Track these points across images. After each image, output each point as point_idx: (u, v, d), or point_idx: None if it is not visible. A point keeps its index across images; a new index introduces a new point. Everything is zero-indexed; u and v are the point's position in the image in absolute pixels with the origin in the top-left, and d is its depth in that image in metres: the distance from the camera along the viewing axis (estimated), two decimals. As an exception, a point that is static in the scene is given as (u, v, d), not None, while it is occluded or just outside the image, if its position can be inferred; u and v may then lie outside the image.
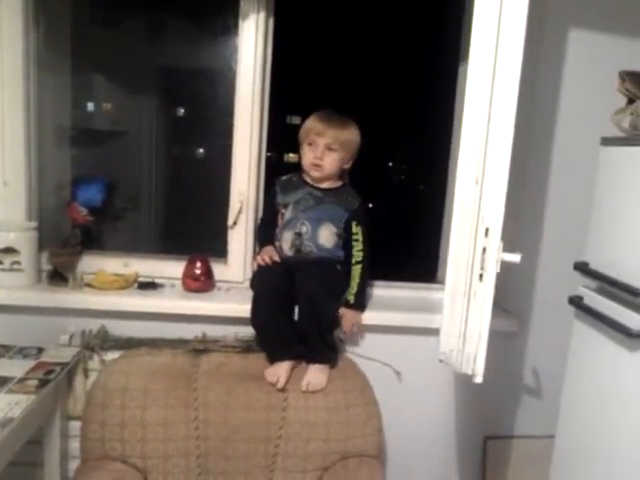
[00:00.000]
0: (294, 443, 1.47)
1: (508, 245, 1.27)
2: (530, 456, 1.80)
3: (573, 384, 1.34)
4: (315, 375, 1.51)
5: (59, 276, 1.66)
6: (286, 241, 1.61)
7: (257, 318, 1.53)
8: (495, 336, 1.31)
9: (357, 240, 1.64)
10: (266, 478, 1.47)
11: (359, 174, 1.71)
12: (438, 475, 1.81)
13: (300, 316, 1.53)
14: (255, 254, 1.78)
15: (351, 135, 1.60)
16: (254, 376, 1.51)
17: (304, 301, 1.51)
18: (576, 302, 1.30)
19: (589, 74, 1.66)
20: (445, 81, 1.96)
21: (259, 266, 1.58)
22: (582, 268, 1.28)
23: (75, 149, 2.04)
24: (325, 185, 1.63)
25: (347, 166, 1.64)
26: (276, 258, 1.58)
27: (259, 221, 1.77)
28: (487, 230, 1.26)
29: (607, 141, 1.28)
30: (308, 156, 1.59)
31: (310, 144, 1.58)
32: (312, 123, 1.58)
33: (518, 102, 1.22)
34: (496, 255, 1.26)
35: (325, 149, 1.57)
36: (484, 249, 1.27)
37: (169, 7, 2.07)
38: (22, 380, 1.36)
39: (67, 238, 1.69)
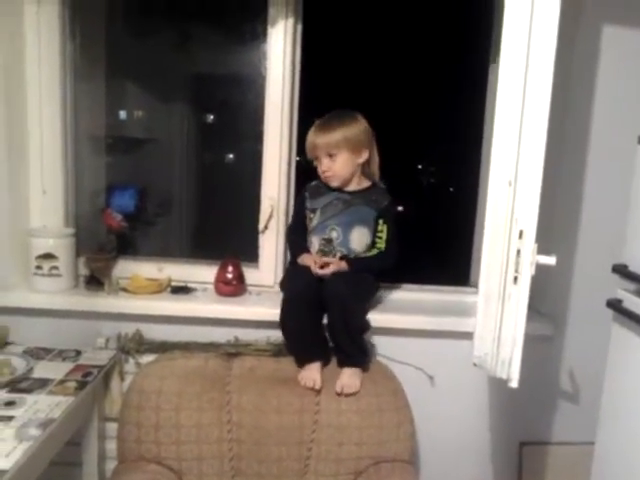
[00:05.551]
0: (326, 447, 1.46)
1: (543, 247, 1.25)
2: (567, 463, 1.76)
3: (613, 389, 1.30)
4: (348, 379, 1.50)
5: (95, 281, 1.70)
6: (313, 247, 1.61)
7: (287, 320, 1.52)
8: (530, 340, 1.29)
9: (380, 238, 1.62)
10: (299, 481, 1.47)
11: (388, 177, 1.70)
12: (472, 481, 1.78)
13: (330, 321, 1.52)
14: (286, 260, 1.80)
15: (347, 132, 1.55)
16: (286, 379, 1.51)
17: (333, 306, 1.50)
18: (615, 305, 1.27)
19: (624, 71, 1.61)
20: (474, 81, 1.93)
21: (294, 268, 1.58)
22: (621, 270, 1.25)
23: (109, 156, 2.09)
24: (351, 188, 1.62)
25: (362, 160, 1.59)
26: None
27: (287, 229, 1.76)
28: (521, 232, 1.25)
29: (645, 139, 1.24)
30: (319, 170, 1.60)
31: (316, 158, 1.59)
32: (308, 139, 1.59)
33: (551, 100, 1.20)
34: (531, 258, 1.24)
35: (327, 158, 1.57)
36: (518, 251, 1.25)
37: (199, 15, 2.10)
38: (62, 382, 1.40)
39: (103, 244, 1.73)
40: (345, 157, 1.56)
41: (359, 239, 1.60)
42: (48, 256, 1.64)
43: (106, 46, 2.01)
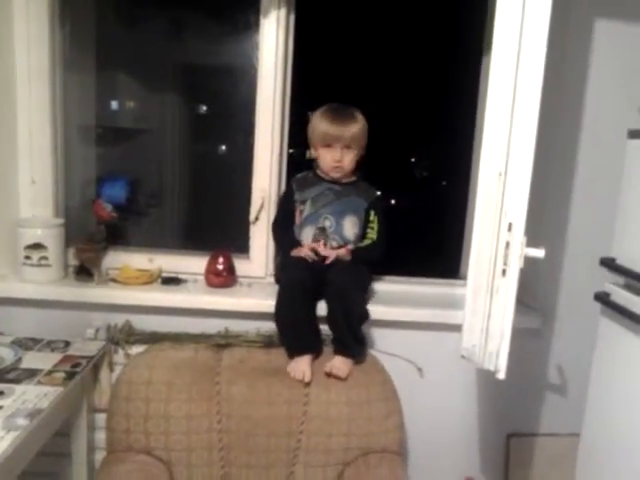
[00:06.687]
0: (315, 438, 1.47)
1: (532, 240, 1.25)
2: (554, 454, 1.77)
3: (599, 382, 1.31)
4: (340, 363, 1.50)
5: (85, 271, 1.69)
6: (306, 237, 1.62)
7: (282, 312, 1.53)
8: (518, 333, 1.30)
9: (372, 228, 1.66)
10: (288, 472, 1.48)
11: (381, 170, 1.71)
12: (460, 472, 1.79)
13: (331, 312, 1.52)
14: (275, 255, 1.80)
15: (362, 127, 1.60)
16: (276, 371, 1.52)
17: (336, 297, 1.50)
18: (602, 298, 1.28)
19: (616, 65, 1.62)
20: (467, 74, 1.93)
21: (290, 260, 1.58)
22: (609, 264, 1.26)
23: (99, 147, 2.08)
24: (343, 180, 1.65)
25: (360, 156, 1.64)
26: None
27: (274, 224, 1.75)
28: (510, 225, 1.25)
29: (634, 133, 1.25)
30: (327, 158, 1.60)
31: (328, 146, 1.59)
32: (326, 126, 1.58)
33: (542, 93, 1.20)
34: (519, 250, 1.24)
35: (344, 149, 1.58)
36: (507, 244, 1.25)
37: (191, 5, 2.09)
38: (50, 373, 1.39)
39: (93, 234, 1.72)
40: (356, 152, 1.61)
41: (351, 228, 1.62)
42: (37, 246, 1.62)
43: (96, 35, 1.99)
